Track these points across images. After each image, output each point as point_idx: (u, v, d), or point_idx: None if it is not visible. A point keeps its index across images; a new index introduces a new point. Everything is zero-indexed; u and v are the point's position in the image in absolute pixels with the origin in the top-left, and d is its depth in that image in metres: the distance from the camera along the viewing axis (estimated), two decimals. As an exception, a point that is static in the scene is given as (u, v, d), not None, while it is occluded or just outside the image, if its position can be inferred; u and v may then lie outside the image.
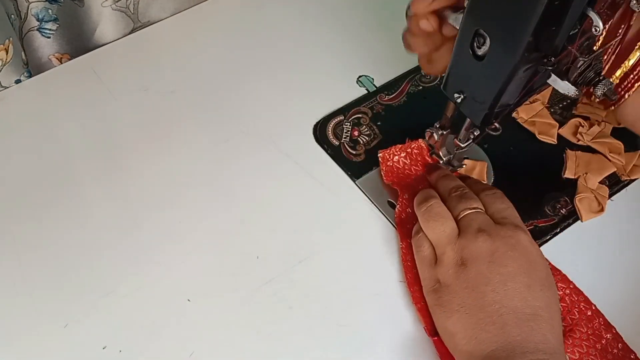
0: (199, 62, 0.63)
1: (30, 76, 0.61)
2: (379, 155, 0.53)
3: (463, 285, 0.42)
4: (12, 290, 0.48)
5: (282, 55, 0.63)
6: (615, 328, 0.45)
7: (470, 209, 0.45)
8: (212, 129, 0.57)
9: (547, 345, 0.39)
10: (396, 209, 0.51)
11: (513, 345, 0.39)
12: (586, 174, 0.53)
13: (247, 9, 0.68)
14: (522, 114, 0.56)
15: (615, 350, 0.45)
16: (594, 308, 0.46)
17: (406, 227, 0.50)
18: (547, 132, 0.56)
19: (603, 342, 0.45)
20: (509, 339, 0.39)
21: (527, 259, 0.42)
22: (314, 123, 0.57)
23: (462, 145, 0.50)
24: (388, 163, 0.53)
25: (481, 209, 0.46)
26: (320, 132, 0.57)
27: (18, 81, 0.60)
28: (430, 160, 0.53)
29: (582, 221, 0.51)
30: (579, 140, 0.55)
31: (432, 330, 0.45)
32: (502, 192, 0.48)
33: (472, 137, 0.50)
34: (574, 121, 0.56)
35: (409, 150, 0.53)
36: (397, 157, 0.53)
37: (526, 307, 0.40)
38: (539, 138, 0.55)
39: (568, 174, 0.53)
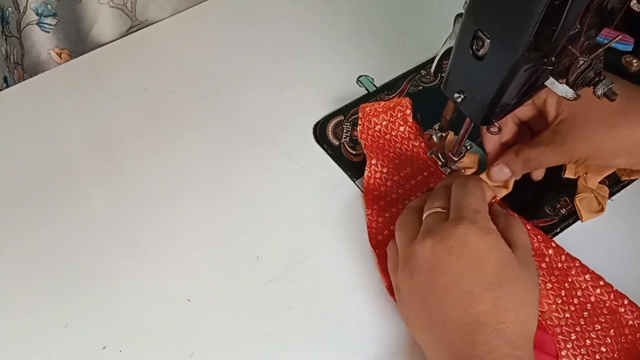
0: (198, 62, 0.63)
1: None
2: (360, 109, 0.54)
3: (412, 297, 0.41)
4: (12, 290, 0.48)
5: (282, 55, 0.63)
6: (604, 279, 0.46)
7: (431, 208, 0.43)
8: (212, 129, 0.57)
9: (495, 356, 0.37)
10: (365, 175, 0.52)
11: None
12: (586, 174, 0.53)
13: (247, 9, 0.68)
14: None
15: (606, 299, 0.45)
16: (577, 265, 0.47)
17: (373, 194, 0.51)
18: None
19: (580, 293, 0.45)
20: (455, 356, 0.38)
21: (468, 259, 0.39)
22: (314, 123, 0.57)
23: (456, 159, 0.51)
24: (367, 123, 0.53)
25: (441, 208, 0.42)
26: (320, 132, 0.57)
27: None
28: (411, 121, 0.54)
29: (582, 221, 0.51)
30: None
31: (392, 290, 0.46)
32: (476, 177, 0.46)
33: (463, 150, 0.50)
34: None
35: (392, 109, 0.53)
36: (378, 125, 0.53)
37: (467, 316, 0.38)
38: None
39: (568, 174, 0.53)
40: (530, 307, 0.39)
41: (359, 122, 0.54)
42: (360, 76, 0.61)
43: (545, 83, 0.41)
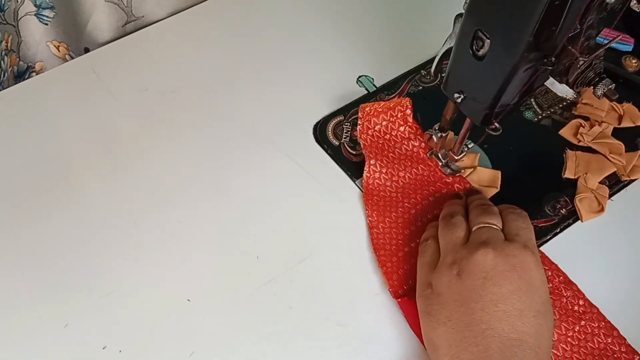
0: (198, 62, 0.63)
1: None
2: (360, 109, 0.54)
3: (454, 297, 0.41)
4: (12, 290, 0.48)
5: (282, 55, 0.63)
6: (618, 330, 0.45)
7: (486, 223, 0.44)
8: (212, 129, 0.57)
9: None
10: (364, 175, 0.52)
11: None
12: (586, 174, 0.53)
13: (247, 9, 0.68)
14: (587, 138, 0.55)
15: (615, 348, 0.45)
16: (581, 303, 0.46)
17: (372, 196, 0.51)
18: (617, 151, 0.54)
19: (597, 340, 0.45)
20: None
21: (527, 282, 0.41)
22: (314, 123, 0.57)
23: (457, 158, 0.51)
24: (367, 123, 0.53)
25: (497, 226, 0.44)
26: (320, 132, 0.57)
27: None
28: (411, 121, 0.53)
29: (582, 221, 0.51)
30: (579, 141, 0.55)
31: (396, 293, 0.46)
32: (527, 214, 0.46)
33: (465, 149, 0.50)
34: (575, 122, 0.56)
35: (392, 109, 0.53)
36: (377, 125, 0.53)
37: (513, 332, 0.39)
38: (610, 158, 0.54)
39: (568, 174, 0.53)
40: (551, 341, 0.41)
41: (359, 122, 0.54)
42: (360, 76, 0.61)
43: (545, 83, 0.41)
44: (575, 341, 0.45)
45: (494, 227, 0.44)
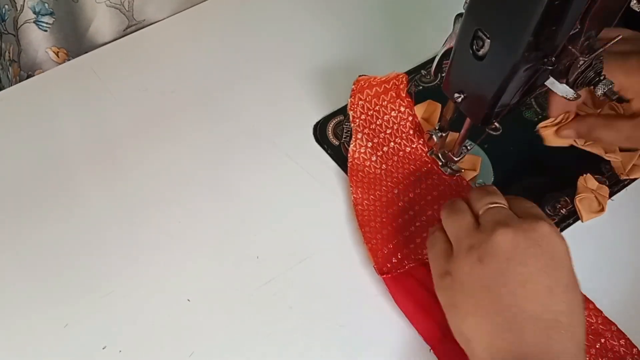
0: (198, 62, 0.63)
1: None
2: (355, 81, 0.53)
3: (478, 284, 0.39)
4: (12, 290, 0.48)
5: (281, 55, 0.63)
6: (615, 325, 0.45)
7: (493, 203, 0.42)
8: (211, 129, 0.57)
9: (566, 357, 0.37)
10: (350, 149, 0.52)
11: (530, 356, 0.37)
12: (586, 174, 0.53)
13: (247, 9, 0.68)
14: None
15: (616, 347, 0.45)
16: (591, 307, 0.46)
17: (357, 173, 0.52)
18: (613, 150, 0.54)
19: (602, 340, 0.45)
20: (525, 349, 0.37)
21: (551, 255, 0.39)
22: (314, 123, 0.57)
23: (456, 159, 0.51)
24: (359, 94, 0.53)
25: (505, 205, 0.42)
26: (320, 132, 0.57)
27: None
28: (403, 97, 0.53)
29: (582, 221, 0.51)
30: (571, 145, 0.54)
31: (381, 269, 0.47)
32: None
33: (465, 150, 0.50)
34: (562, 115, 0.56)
35: (387, 83, 0.52)
36: (369, 96, 0.52)
37: (546, 312, 0.37)
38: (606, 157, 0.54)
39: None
40: (584, 318, 0.39)
41: (351, 93, 0.53)
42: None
43: (545, 83, 0.41)
44: (598, 358, 0.44)
45: (503, 206, 0.42)
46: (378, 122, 0.53)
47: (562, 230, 0.51)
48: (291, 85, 0.61)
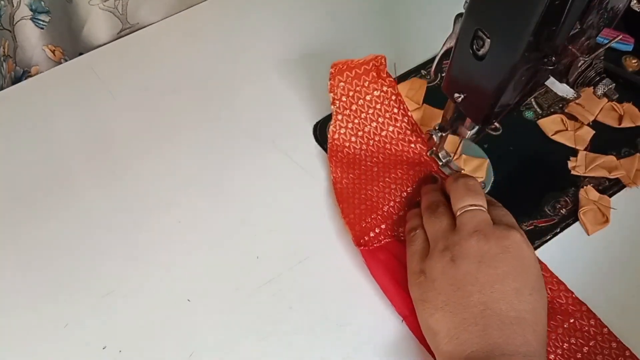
0: (198, 62, 0.63)
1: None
2: (332, 65, 0.52)
3: (449, 282, 0.42)
4: (12, 290, 0.48)
5: (281, 55, 0.63)
6: (586, 305, 0.46)
7: (474, 205, 0.44)
8: (212, 129, 0.57)
9: (527, 349, 0.39)
10: (329, 130, 0.53)
11: (492, 347, 0.39)
12: (587, 181, 0.53)
13: (247, 9, 0.68)
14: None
15: (586, 327, 0.45)
16: (562, 288, 0.47)
17: (337, 154, 0.53)
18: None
19: (571, 320, 0.45)
20: (489, 340, 0.39)
21: (520, 262, 0.42)
22: (314, 123, 0.57)
23: (469, 133, 0.49)
24: (339, 76, 0.53)
25: (482, 207, 0.44)
26: (320, 132, 0.57)
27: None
28: (384, 76, 0.53)
29: (588, 234, 0.50)
30: (572, 172, 0.54)
31: (358, 241, 0.48)
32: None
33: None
34: (556, 116, 0.56)
35: (366, 64, 0.52)
36: (349, 77, 0.52)
37: (511, 311, 0.40)
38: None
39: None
40: (546, 319, 0.42)
41: (330, 76, 0.53)
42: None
43: (545, 83, 0.41)
44: (565, 338, 0.45)
45: (480, 209, 0.44)
46: (360, 103, 0.53)
47: (562, 230, 0.51)
48: (291, 85, 0.61)
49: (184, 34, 0.66)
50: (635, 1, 0.40)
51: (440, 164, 0.53)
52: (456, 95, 0.44)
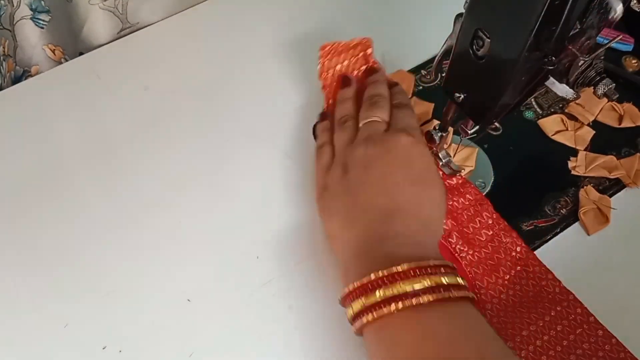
0: (198, 62, 0.63)
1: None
2: (320, 47, 0.53)
3: (343, 189, 0.45)
4: (12, 290, 0.48)
5: (281, 55, 0.63)
6: (573, 294, 0.46)
7: (373, 117, 0.47)
8: (211, 129, 0.57)
9: (408, 230, 0.41)
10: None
11: (374, 238, 0.41)
12: (586, 182, 0.52)
13: (247, 9, 0.68)
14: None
15: (572, 315, 0.45)
16: (550, 277, 0.47)
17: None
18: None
19: (558, 309, 0.46)
20: (370, 232, 0.42)
21: (402, 159, 0.44)
22: (314, 123, 0.57)
23: (469, 132, 0.49)
24: (327, 62, 0.54)
25: (381, 119, 0.47)
26: (320, 132, 0.57)
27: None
28: (371, 63, 0.54)
29: (588, 234, 0.50)
30: (572, 172, 0.54)
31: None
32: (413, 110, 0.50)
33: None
34: (556, 116, 0.56)
35: (354, 48, 0.54)
36: (338, 64, 0.54)
37: (391, 203, 0.42)
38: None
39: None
40: (440, 212, 0.44)
41: (319, 60, 0.54)
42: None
43: (545, 83, 0.41)
44: (552, 325, 0.45)
45: (377, 120, 0.47)
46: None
47: (562, 230, 0.51)
48: (291, 85, 0.61)
49: (184, 34, 0.66)
50: (635, 1, 0.40)
51: (441, 164, 0.53)
52: (456, 95, 0.44)
